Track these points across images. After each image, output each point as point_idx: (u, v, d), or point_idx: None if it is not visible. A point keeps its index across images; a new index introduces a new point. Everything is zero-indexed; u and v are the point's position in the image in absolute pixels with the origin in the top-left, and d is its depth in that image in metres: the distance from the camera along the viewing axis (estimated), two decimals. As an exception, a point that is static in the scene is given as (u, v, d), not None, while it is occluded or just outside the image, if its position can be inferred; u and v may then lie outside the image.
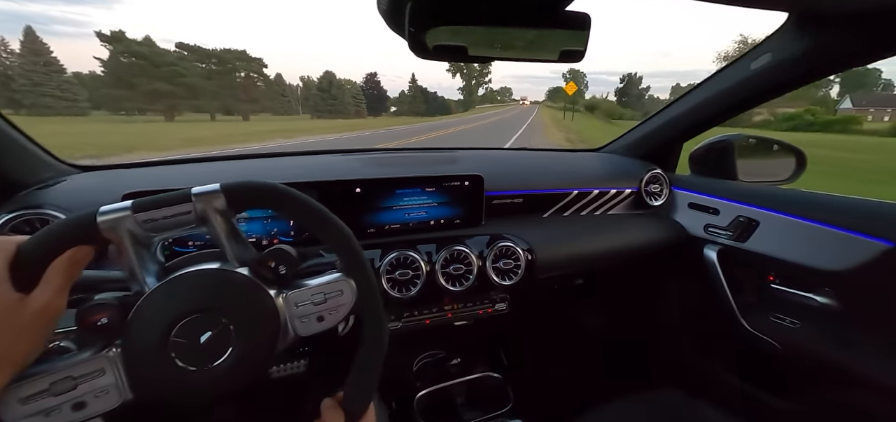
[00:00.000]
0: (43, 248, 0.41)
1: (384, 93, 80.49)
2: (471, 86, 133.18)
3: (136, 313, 0.46)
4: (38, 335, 0.40)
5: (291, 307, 0.53)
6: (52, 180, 0.81)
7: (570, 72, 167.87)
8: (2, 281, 0.37)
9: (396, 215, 1.02)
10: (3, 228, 0.69)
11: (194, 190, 0.47)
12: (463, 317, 1.09)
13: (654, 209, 1.32)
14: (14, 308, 0.37)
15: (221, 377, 0.48)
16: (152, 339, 0.46)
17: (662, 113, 1.34)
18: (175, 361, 0.47)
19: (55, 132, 19.74)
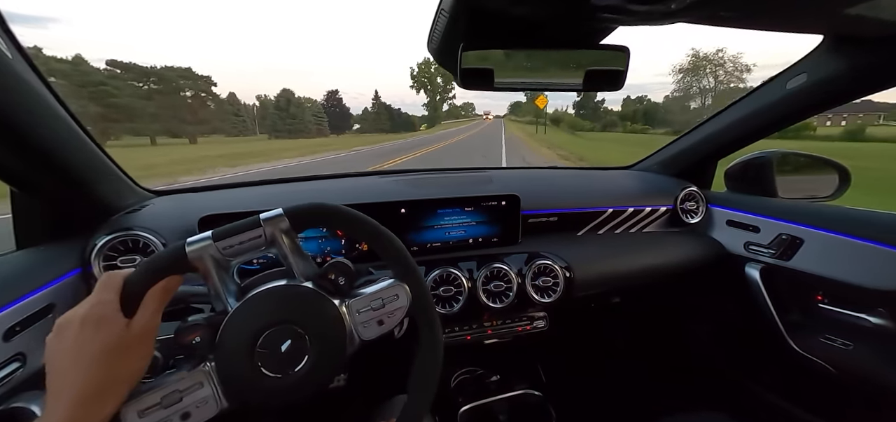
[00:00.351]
0: (144, 279, 0.47)
1: (347, 110, 77.02)
2: (435, 101, 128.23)
3: (225, 331, 0.52)
4: (144, 353, 0.45)
5: (354, 315, 0.58)
6: (137, 205, 0.91)
7: None
8: (114, 312, 0.43)
9: (438, 234, 1.07)
10: (104, 249, 0.79)
11: (262, 216, 0.53)
12: (502, 334, 1.12)
13: (691, 227, 1.31)
14: (124, 333, 0.43)
15: (301, 382, 0.53)
16: (240, 351, 0.52)
17: (696, 131, 1.35)
18: (261, 369, 0.52)
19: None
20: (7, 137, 0.60)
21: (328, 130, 67.46)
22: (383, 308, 0.58)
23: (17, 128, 0.60)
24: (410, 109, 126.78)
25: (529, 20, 0.57)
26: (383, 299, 0.58)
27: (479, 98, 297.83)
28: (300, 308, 0.57)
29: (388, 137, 45.55)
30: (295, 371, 0.54)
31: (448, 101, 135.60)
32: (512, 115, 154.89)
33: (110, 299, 0.43)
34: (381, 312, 0.58)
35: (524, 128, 53.96)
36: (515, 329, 1.14)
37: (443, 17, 0.62)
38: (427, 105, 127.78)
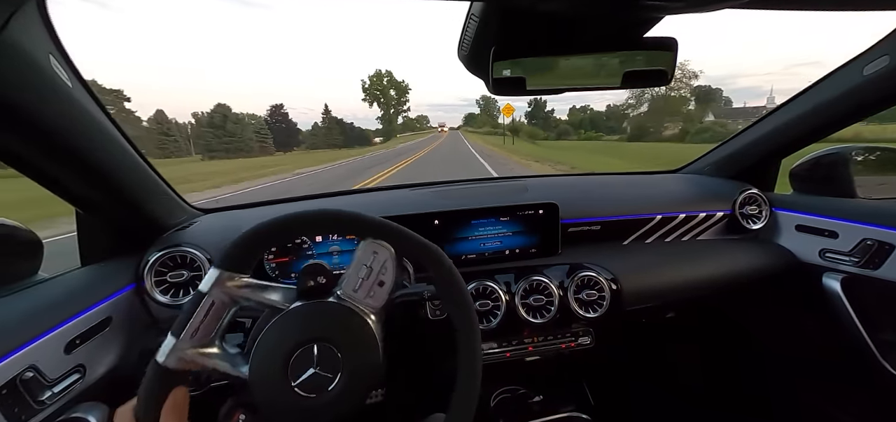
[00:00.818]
0: (148, 408, 0.47)
1: (294, 125, 69.76)
2: (390, 114, 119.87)
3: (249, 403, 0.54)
4: None
5: (354, 295, 0.56)
6: (186, 222, 0.96)
7: (483, 98, 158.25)
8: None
9: (472, 246, 1.04)
10: (155, 264, 0.84)
11: (201, 287, 0.51)
12: (544, 351, 1.06)
13: (753, 233, 1.19)
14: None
15: (338, 399, 0.52)
16: (275, 388, 0.52)
17: (754, 128, 1.23)
18: (296, 391, 0.52)
19: None
20: (71, 161, 0.65)
21: (273, 148, 58.53)
22: (372, 271, 0.56)
23: (80, 153, 0.65)
24: (363, 123, 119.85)
25: (565, 18, 0.54)
26: (366, 264, 0.56)
27: (432, 112, 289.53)
28: (325, 325, 0.56)
29: (341, 154, 39.61)
30: (329, 390, 0.53)
31: (403, 114, 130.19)
32: (467, 126, 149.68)
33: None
34: (374, 275, 0.56)
35: (487, 139, 49.60)
36: (558, 346, 1.07)
37: (472, 22, 0.60)
38: (381, 118, 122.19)
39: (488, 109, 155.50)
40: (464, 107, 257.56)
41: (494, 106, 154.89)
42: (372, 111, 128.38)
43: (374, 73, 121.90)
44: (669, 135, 41.53)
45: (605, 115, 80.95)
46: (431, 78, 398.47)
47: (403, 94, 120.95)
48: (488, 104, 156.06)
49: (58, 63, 0.56)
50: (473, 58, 0.67)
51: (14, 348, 0.58)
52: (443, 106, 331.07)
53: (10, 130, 0.56)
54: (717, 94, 64.98)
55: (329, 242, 0.96)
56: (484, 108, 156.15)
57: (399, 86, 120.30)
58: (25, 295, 0.69)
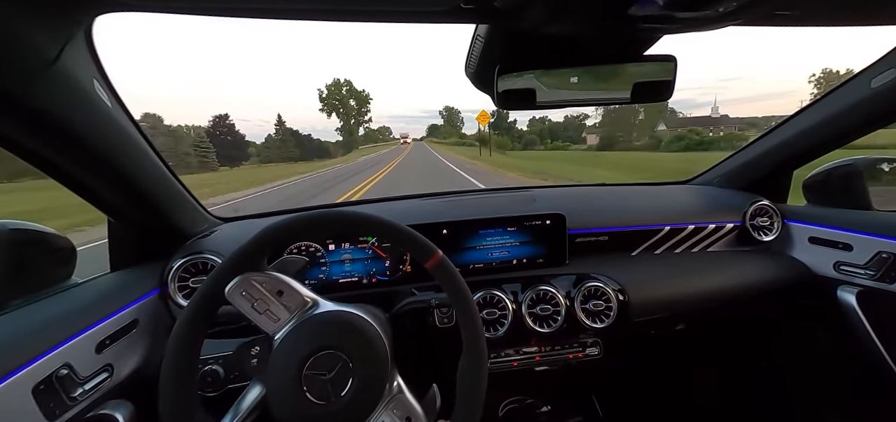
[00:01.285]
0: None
1: (241, 138, 60.93)
2: (350, 125, 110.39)
3: (275, 354, 0.57)
4: None
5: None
6: (208, 230, 1.01)
7: (445, 109, 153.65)
8: None
9: (480, 255, 1.06)
10: (179, 271, 0.88)
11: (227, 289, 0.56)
12: (552, 361, 1.06)
13: (765, 245, 1.17)
14: None
15: (349, 407, 0.56)
16: (289, 381, 0.56)
17: (764, 139, 1.23)
18: (307, 396, 0.55)
19: None
20: (109, 174, 0.71)
21: (216, 163, 49.22)
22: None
23: (117, 167, 0.70)
24: (322, 135, 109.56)
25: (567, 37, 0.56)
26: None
27: (393, 123, 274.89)
28: (340, 334, 0.60)
29: (297, 168, 34.59)
30: (341, 396, 0.56)
31: (364, 125, 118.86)
32: (431, 137, 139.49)
33: None
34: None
35: (457, 150, 44.46)
36: (566, 356, 1.08)
37: (478, 42, 0.63)
38: (341, 129, 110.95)
39: (452, 119, 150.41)
40: (426, 118, 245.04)
41: (458, 117, 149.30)
42: (331, 122, 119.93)
43: (332, 83, 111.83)
44: (642, 145, 41.02)
45: (562, 125, 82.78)
46: (393, 89, 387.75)
47: (364, 105, 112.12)
48: (451, 115, 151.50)
49: (100, 86, 0.61)
50: (480, 75, 0.70)
51: (51, 346, 0.62)
52: (404, 117, 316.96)
53: (58, 147, 0.62)
54: (664, 106, 65.48)
55: (341, 250, 0.99)
56: (447, 118, 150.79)
57: (359, 96, 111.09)
58: (61, 298, 0.74)
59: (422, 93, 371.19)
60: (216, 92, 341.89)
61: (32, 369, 0.59)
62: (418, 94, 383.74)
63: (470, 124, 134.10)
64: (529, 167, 17.59)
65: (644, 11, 0.44)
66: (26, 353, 0.59)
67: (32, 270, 0.74)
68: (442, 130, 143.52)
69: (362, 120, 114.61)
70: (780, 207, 1.20)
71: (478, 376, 0.57)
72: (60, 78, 0.53)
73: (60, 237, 0.80)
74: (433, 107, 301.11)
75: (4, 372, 0.56)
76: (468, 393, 0.56)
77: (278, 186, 16.56)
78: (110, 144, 0.67)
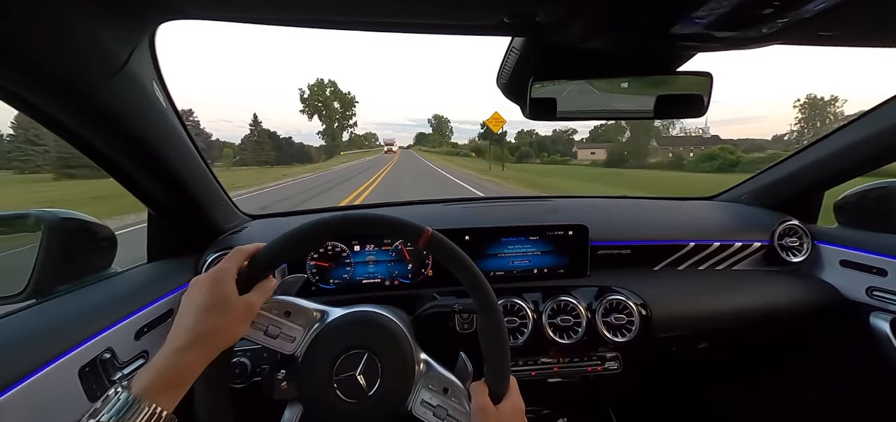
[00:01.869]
0: (257, 268, 0.54)
1: (207, 137, 55.13)
2: (333, 129, 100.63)
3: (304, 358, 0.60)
4: (240, 325, 0.51)
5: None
6: (239, 226, 1.05)
7: (434, 117, 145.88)
8: (229, 278, 0.50)
9: (501, 263, 1.06)
10: (212, 265, 0.92)
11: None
12: (570, 373, 1.06)
13: (793, 266, 1.15)
14: (230, 299, 0.49)
15: (378, 406, 0.58)
16: (319, 379, 0.58)
17: (796, 157, 1.20)
18: (338, 394, 0.58)
19: None
20: (159, 172, 0.75)
21: None
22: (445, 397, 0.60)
23: (166, 164, 0.75)
24: (307, 139, 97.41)
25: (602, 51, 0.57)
26: (449, 390, 0.60)
27: (380, 129, 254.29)
28: (362, 332, 0.62)
29: (274, 172, 30.69)
30: (373, 390, 0.59)
31: (349, 130, 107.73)
32: (420, 145, 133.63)
33: (230, 268, 0.51)
34: (441, 399, 0.60)
35: (454, 160, 40.85)
36: (584, 369, 1.07)
37: (513, 54, 0.64)
38: (324, 133, 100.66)
39: (441, 128, 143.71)
40: (414, 126, 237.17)
41: (447, 126, 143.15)
42: (312, 125, 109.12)
43: (315, 83, 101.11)
44: (658, 162, 38.80)
45: (550, 139, 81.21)
46: (380, 96, 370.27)
47: (349, 108, 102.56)
48: (441, 124, 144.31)
49: (158, 88, 0.65)
50: (512, 86, 0.72)
51: (97, 331, 0.65)
52: (391, 125, 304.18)
53: (118, 144, 0.66)
54: (650, 125, 64.50)
55: (366, 251, 1.01)
56: (436, 127, 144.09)
57: (344, 98, 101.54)
58: (104, 285, 0.78)
59: (410, 101, 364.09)
60: (198, 89, 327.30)
61: (79, 351, 0.62)
62: (406, 102, 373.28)
63: (459, 134, 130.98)
64: (554, 187, 14.57)
65: (685, 29, 0.44)
66: (75, 336, 0.62)
67: (78, 257, 0.78)
68: (431, 138, 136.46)
69: (347, 124, 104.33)
70: (810, 228, 1.17)
71: (497, 331, 0.57)
72: (127, 80, 0.57)
73: (104, 227, 0.84)
74: (421, 116, 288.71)
75: (54, 354, 0.59)
76: (493, 350, 0.57)
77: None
78: (162, 143, 0.71)
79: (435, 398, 0.59)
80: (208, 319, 0.47)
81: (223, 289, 0.49)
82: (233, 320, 0.49)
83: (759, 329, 1.11)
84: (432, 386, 0.60)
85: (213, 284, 0.49)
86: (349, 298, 0.90)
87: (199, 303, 0.48)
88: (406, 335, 0.63)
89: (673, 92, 0.69)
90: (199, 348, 0.46)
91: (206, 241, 0.97)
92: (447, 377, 0.61)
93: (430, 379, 0.61)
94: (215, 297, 0.48)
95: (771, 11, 0.38)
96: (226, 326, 0.48)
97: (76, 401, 0.61)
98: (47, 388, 0.57)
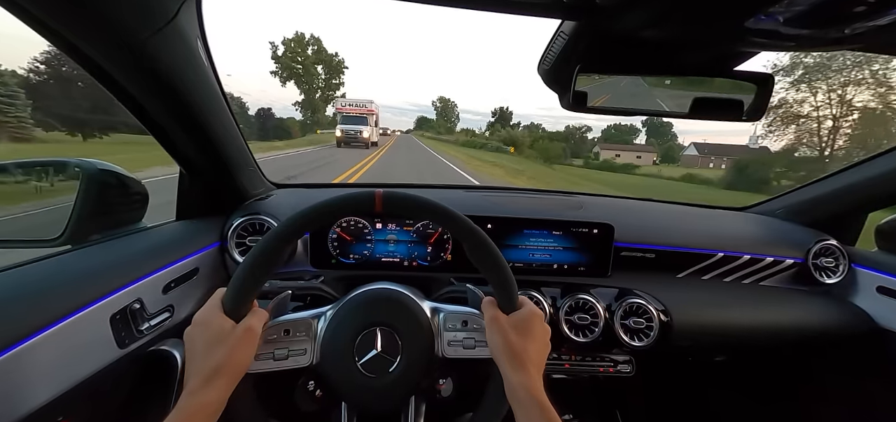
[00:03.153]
0: (237, 295, 0.53)
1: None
2: (314, 100, 70.29)
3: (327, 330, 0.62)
4: (246, 351, 0.51)
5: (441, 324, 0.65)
6: (264, 194, 1.06)
7: (440, 101, 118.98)
8: (217, 315, 0.51)
9: (521, 254, 1.05)
10: (237, 229, 0.93)
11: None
12: (580, 372, 1.05)
13: (825, 288, 1.10)
14: (226, 330, 0.50)
15: (395, 384, 0.59)
16: (340, 350, 0.61)
17: (841, 175, 1.14)
18: (358, 366, 0.60)
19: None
20: (195, 130, 0.76)
21: (30, 124, 18.37)
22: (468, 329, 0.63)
23: (202, 123, 0.76)
24: (279, 111, 58.90)
25: (657, 42, 0.54)
26: (469, 321, 0.64)
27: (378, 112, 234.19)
28: (391, 310, 0.64)
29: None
30: (390, 372, 0.60)
31: (334, 103, 61.75)
32: (419, 130, 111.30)
33: (214, 304, 0.53)
34: (465, 332, 0.63)
35: (477, 155, 26.15)
36: (596, 369, 1.06)
37: (560, 39, 0.62)
38: (302, 105, 71.12)
39: (447, 114, 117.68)
40: (414, 111, 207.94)
41: (453, 112, 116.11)
42: (286, 93, 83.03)
43: (293, 37, 69.08)
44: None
45: (563, 135, 75.84)
46: (376, 74, 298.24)
47: (336, 75, 71.89)
48: (447, 108, 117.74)
49: (201, 46, 0.65)
50: (554, 73, 0.69)
51: (129, 281, 0.67)
52: (390, 108, 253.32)
53: (160, 99, 0.67)
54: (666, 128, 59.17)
55: (387, 230, 1.01)
56: (441, 112, 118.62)
57: (330, 62, 71.48)
58: (135, 238, 0.80)
59: (411, 83, 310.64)
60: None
61: (112, 299, 0.64)
62: (406, 84, 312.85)
63: (464, 124, 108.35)
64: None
65: (758, 24, 0.41)
66: (108, 284, 0.64)
67: (112, 208, 0.80)
68: (436, 124, 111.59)
69: (332, 95, 71.21)
70: (847, 250, 1.12)
71: (485, 251, 0.56)
72: (174, 35, 0.57)
73: (138, 182, 0.86)
74: (422, 101, 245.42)
75: (89, 299, 0.61)
76: (488, 269, 0.57)
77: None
78: (201, 102, 0.71)
79: (459, 334, 0.63)
80: (214, 354, 0.48)
81: (216, 323, 0.50)
82: (237, 348, 0.50)
83: (782, 348, 1.08)
84: (452, 326, 0.64)
85: (205, 324, 0.51)
86: (367, 275, 0.91)
87: (200, 346, 0.49)
88: (415, 301, 0.66)
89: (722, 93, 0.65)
90: (213, 384, 0.47)
91: (234, 205, 0.98)
92: (462, 311, 0.65)
93: (448, 320, 0.64)
94: (211, 333, 0.50)
95: (863, 9, 0.35)
96: (232, 355, 0.49)
97: (107, 346, 0.63)
98: (80, 331, 0.59)
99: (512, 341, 0.53)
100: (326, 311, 0.65)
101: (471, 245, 0.57)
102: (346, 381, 0.60)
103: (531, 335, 0.55)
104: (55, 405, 0.55)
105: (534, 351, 0.54)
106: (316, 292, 0.87)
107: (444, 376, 0.68)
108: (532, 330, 0.55)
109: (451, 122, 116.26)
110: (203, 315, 0.52)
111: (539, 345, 0.55)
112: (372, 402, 0.62)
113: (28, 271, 0.61)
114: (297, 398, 0.64)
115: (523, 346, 0.53)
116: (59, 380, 0.56)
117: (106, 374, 0.63)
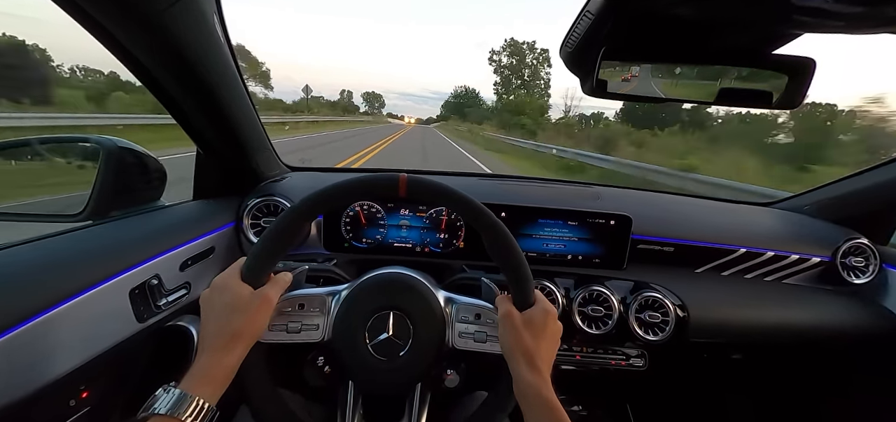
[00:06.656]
0: (257, 261, 0.53)
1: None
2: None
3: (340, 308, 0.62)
4: (261, 318, 0.52)
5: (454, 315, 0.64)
6: (279, 176, 1.07)
7: (463, 89, 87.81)
8: (236, 280, 0.52)
9: (535, 244, 1.03)
10: (252, 209, 0.94)
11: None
12: (591, 364, 1.03)
13: (853, 288, 1.05)
14: (244, 296, 0.50)
15: (404, 367, 0.60)
16: (352, 331, 0.61)
17: (875, 172, 1.08)
18: (368, 348, 0.61)
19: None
20: (211, 108, 0.76)
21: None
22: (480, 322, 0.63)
23: (219, 102, 0.76)
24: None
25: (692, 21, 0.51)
26: (481, 315, 0.63)
27: (389, 98, 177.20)
28: (405, 295, 0.64)
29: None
30: (399, 356, 0.61)
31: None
32: (440, 120, 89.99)
33: (233, 270, 0.53)
34: (478, 325, 0.63)
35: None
36: (608, 362, 1.04)
37: (586, 19, 0.59)
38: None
39: (474, 101, 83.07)
40: (435, 99, 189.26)
41: (479, 102, 79.84)
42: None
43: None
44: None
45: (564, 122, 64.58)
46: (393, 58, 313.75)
47: None
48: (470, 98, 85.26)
49: (217, 23, 0.64)
50: (576, 56, 0.66)
51: (148, 257, 0.69)
52: (411, 96, 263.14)
53: (176, 72, 0.67)
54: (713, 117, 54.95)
55: (400, 215, 1.00)
56: (466, 101, 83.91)
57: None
58: (153, 216, 0.81)
59: (431, 71, 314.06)
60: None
61: (132, 274, 0.65)
62: (426, 73, 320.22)
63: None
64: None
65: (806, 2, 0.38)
66: (127, 259, 0.66)
67: (132, 186, 0.82)
68: (471, 112, 76.14)
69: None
70: (879, 250, 1.07)
71: (504, 244, 0.56)
72: (192, 8, 0.56)
73: (156, 161, 0.87)
74: (443, 89, 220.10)
75: (109, 273, 0.62)
76: (506, 263, 0.56)
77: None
78: (217, 78, 0.71)
79: (471, 327, 0.62)
80: (233, 319, 0.49)
81: (234, 289, 0.51)
82: (254, 314, 0.51)
83: (803, 349, 1.04)
84: (465, 318, 0.63)
85: (225, 288, 0.51)
86: (379, 259, 0.90)
87: (219, 308, 0.50)
88: (430, 289, 0.65)
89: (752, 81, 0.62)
90: (231, 348, 0.48)
91: (249, 186, 0.99)
92: (475, 304, 0.64)
93: (461, 312, 0.64)
94: (231, 297, 0.50)
95: None
96: (248, 320, 0.50)
97: (126, 319, 0.65)
98: (101, 304, 0.60)
99: (525, 339, 0.53)
100: (341, 289, 0.65)
101: (491, 238, 0.56)
102: (355, 360, 0.60)
103: (544, 334, 0.54)
104: (77, 376, 0.57)
105: (545, 349, 0.54)
106: (329, 274, 0.88)
107: (451, 366, 0.67)
108: (545, 329, 0.55)
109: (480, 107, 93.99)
110: (223, 280, 0.52)
111: (551, 343, 0.55)
112: (379, 384, 0.62)
113: (53, 243, 0.63)
114: (305, 372, 0.65)
115: (535, 345, 0.53)
116: (81, 351, 0.58)
117: (125, 347, 0.64)
